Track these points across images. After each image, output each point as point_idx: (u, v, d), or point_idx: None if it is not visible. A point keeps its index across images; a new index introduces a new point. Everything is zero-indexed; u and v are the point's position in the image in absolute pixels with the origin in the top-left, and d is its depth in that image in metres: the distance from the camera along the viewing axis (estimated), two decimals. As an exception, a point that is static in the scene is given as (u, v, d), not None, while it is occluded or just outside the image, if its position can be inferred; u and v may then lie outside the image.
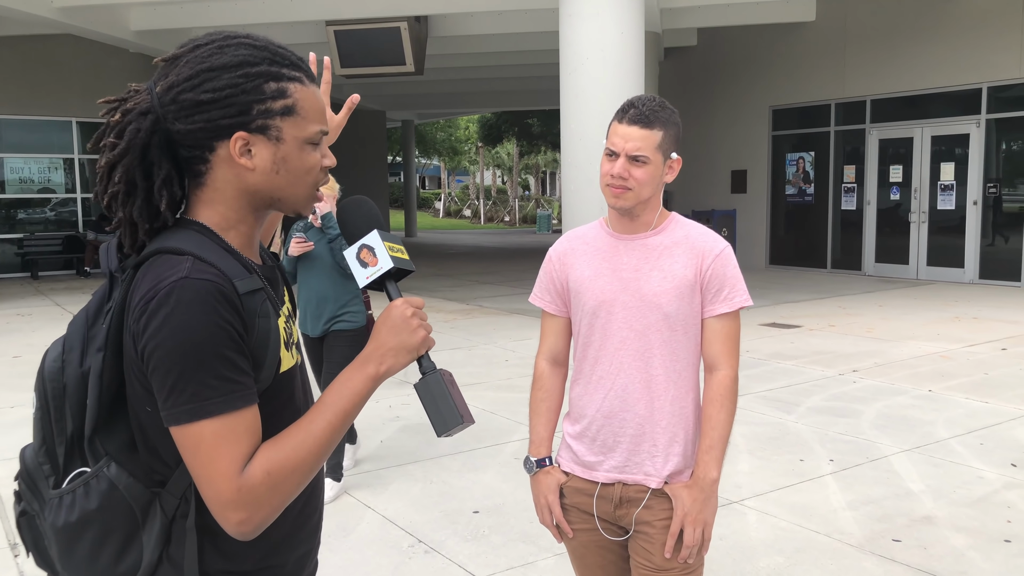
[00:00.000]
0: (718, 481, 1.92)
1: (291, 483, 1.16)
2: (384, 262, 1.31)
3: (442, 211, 43.93)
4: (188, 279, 1.11)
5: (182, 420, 1.11)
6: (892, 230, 13.77)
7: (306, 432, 1.18)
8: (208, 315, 1.10)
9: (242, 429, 1.13)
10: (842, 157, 14.44)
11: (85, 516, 1.18)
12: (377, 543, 3.68)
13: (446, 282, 14.02)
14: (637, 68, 8.71)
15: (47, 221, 16.33)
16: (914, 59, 13.09)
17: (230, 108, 1.18)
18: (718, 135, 16.16)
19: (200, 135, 1.18)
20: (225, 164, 1.21)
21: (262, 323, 1.19)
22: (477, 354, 7.75)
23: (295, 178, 1.24)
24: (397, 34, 12.93)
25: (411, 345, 1.26)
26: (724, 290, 1.92)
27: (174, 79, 1.19)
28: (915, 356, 7.32)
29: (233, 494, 1.11)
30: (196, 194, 1.24)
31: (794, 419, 5.46)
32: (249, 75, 1.19)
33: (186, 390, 1.10)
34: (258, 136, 1.20)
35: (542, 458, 2.06)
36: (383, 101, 24.18)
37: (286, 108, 1.21)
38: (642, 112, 1.87)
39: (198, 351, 1.09)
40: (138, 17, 13.11)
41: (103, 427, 1.19)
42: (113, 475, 1.18)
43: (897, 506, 3.99)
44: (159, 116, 1.18)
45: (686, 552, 1.88)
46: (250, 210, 1.26)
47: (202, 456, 1.11)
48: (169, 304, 1.10)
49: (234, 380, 1.12)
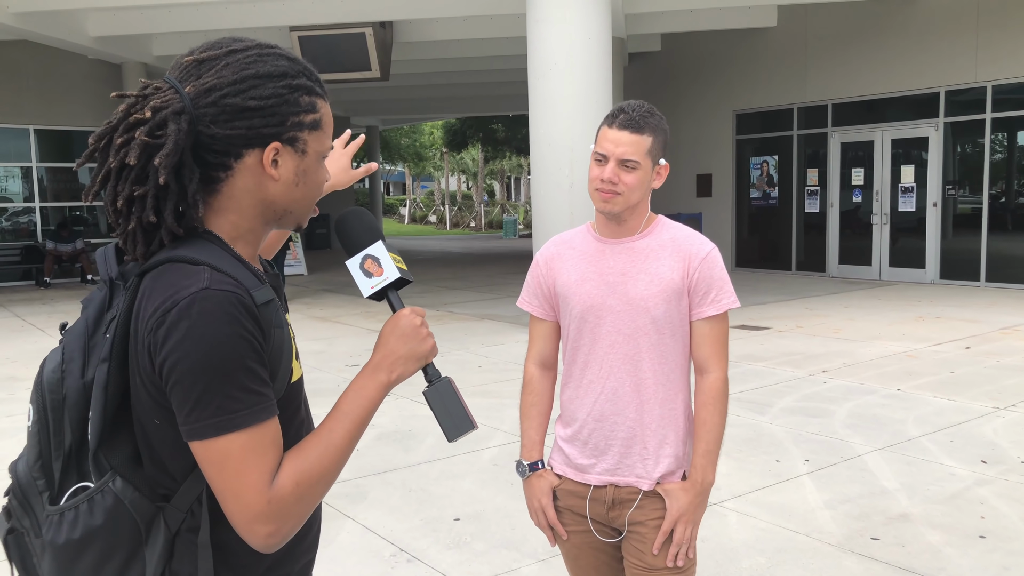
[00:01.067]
0: (712, 484, 1.94)
1: (317, 492, 1.17)
2: (389, 272, 1.34)
3: (407, 217, 43.77)
4: (209, 290, 1.09)
5: (208, 434, 1.08)
6: (855, 232, 14.00)
7: (327, 441, 1.18)
8: (232, 326, 1.08)
9: (268, 441, 1.12)
10: (805, 160, 14.66)
11: (89, 533, 1.14)
12: (359, 552, 3.63)
13: (415, 288, 13.95)
14: (605, 73, 8.76)
15: (4, 231, 15.96)
16: (874, 63, 13.34)
17: (273, 117, 1.18)
18: (683, 139, 16.30)
19: (237, 141, 1.17)
20: (248, 172, 1.20)
21: (277, 333, 1.18)
22: (450, 360, 7.72)
23: (310, 191, 1.26)
24: (362, 40, 12.87)
25: (421, 353, 1.29)
26: (712, 292, 1.93)
27: (214, 81, 1.16)
28: (882, 356, 7.44)
29: (264, 507, 1.10)
30: (208, 201, 1.21)
31: (768, 420, 5.52)
32: (291, 87, 1.20)
33: (212, 403, 1.07)
34: (287, 147, 1.21)
35: (534, 462, 2.06)
36: (348, 107, 24.00)
37: (314, 122, 1.23)
38: (632, 117, 1.88)
39: (224, 363, 1.07)
40: (96, 23, 12.88)
41: (107, 440, 1.15)
42: (119, 490, 1.15)
43: (873, 504, 4.04)
44: (193, 118, 1.15)
45: (675, 549, 1.89)
46: (261, 221, 1.25)
47: (230, 470, 1.09)
48: (191, 316, 1.07)
49: (259, 392, 1.11)
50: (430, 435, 5.33)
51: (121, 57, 14.37)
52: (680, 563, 1.90)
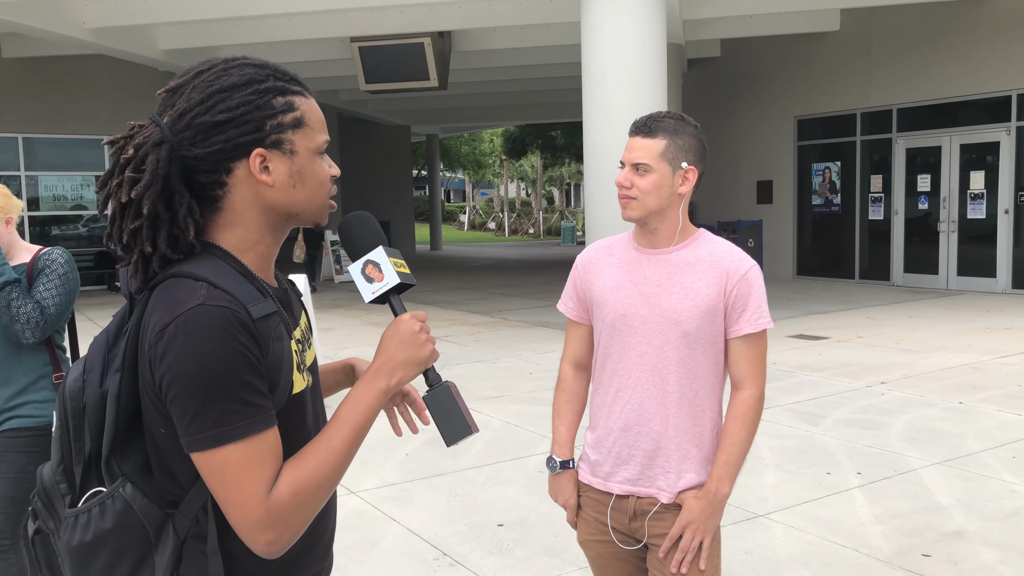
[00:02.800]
0: (728, 497, 1.92)
1: (316, 500, 1.18)
2: (390, 277, 1.34)
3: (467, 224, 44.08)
4: (204, 306, 1.12)
5: (206, 446, 1.12)
6: (921, 240, 13.61)
7: (327, 449, 1.20)
8: (227, 341, 1.11)
9: (266, 451, 1.15)
10: (869, 167, 14.32)
11: (100, 535, 1.19)
12: (402, 556, 3.69)
13: (471, 295, 14.06)
14: (659, 80, 8.72)
15: (79, 237, 16.61)
16: (941, 67, 12.97)
17: (247, 125, 1.20)
18: (743, 146, 16.09)
19: (219, 156, 1.20)
20: (243, 184, 1.23)
21: (276, 346, 1.20)
22: (501, 367, 7.77)
23: (311, 189, 1.27)
24: (421, 49, 13.04)
25: (420, 358, 1.29)
26: (748, 310, 1.91)
27: (184, 106, 1.20)
28: (945, 367, 7.23)
29: (263, 515, 1.13)
30: (213, 219, 1.25)
31: (821, 432, 5.41)
32: (259, 91, 1.21)
33: (209, 416, 1.11)
34: (274, 151, 1.22)
35: (566, 460, 2.08)
36: (408, 116, 24.35)
37: (296, 120, 1.24)
38: (645, 123, 1.92)
39: (219, 377, 1.10)
40: (166, 36, 13.34)
41: (119, 448, 1.20)
42: (128, 495, 1.19)
43: (926, 520, 3.93)
44: (173, 145, 1.19)
45: (679, 555, 1.89)
46: (268, 229, 1.27)
47: (229, 481, 1.13)
48: (187, 332, 1.11)
49: (255, 404, 1.14)
50: (478, 441, 5.38)
51: (190, 69, 14.82)
52: (684, 570, 1.90)
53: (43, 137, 15.91)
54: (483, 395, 6.63)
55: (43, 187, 16.11)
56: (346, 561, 3.64)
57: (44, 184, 16.11)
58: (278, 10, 11.28)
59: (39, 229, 16.11)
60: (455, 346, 8.97)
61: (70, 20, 11.62)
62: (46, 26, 11.30)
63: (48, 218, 16.21)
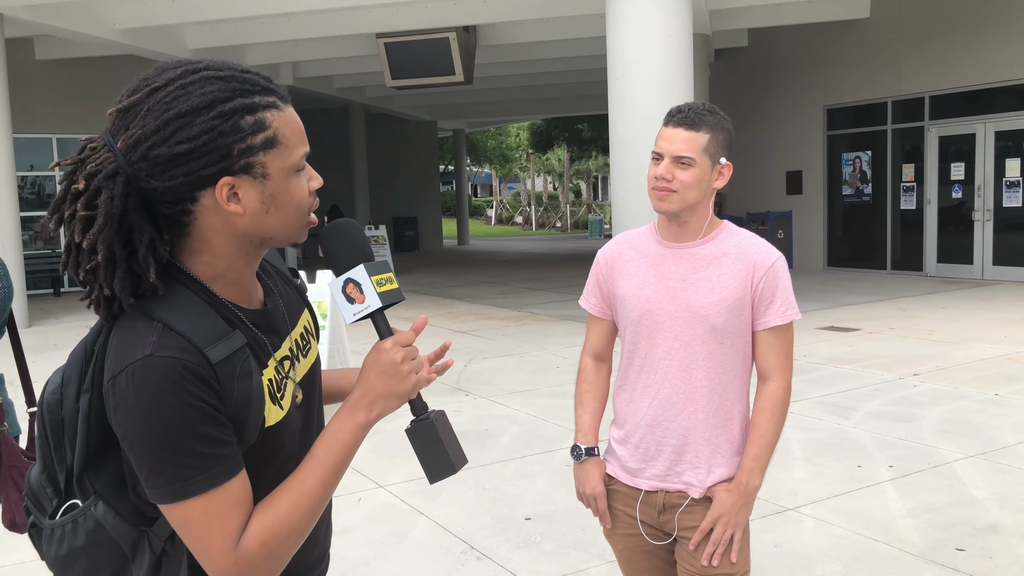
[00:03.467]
0: (759, 489, 1.91)
1: (288, 546, 1.12)
2: (371, 300, 1.22)
3: (494, 218, 44.11)
4: (152, 357, 1.04)
5: (164, 501, 1.07)
6: (955, 229, 13.39)
7: (299, 493, 1.13)
8: (176, 395, 1.03)
9: (231, 502, 1.08)
10: (900, 156, 14.10)
11: (73, 551, 1.17)
12: (430, 550, 3.71)
13: (497, 289, 14.07)
14: (685, 72, 8.65)
15: (112, 236, 16.87)
16: (975, 53, 12.73)
17: (210, 155, 1.06)
18: (772, 136, 15.92)
19: (181, 189, 1.08)
20: (211, 212, 1.11)
21: (242, 385, 1.11)
22: (528, 361, 7.77)
23: (286, 213, 1.15)
24: (446, 44, 13.06)
25: (401, 392, 1.19)
26: (776, 302, 1.89)
27: (139, 133, 1.06)
28: (980, 359, 7.11)
29: (231, 567, 1.08)
30: (180, 244, 1.15)
31: (852, 424, 5.35)
32: (223, 113, 1.07)
33: (164, 473, 1.05)
34: (243, 177, 1.09)
35: (591, 447, 2.07)
36: (434, 111, 24.40)
37: (267, 141, 1.10)
38: (687, 115, 1.87)
39: (169, 434, 1.03)
40: (195, 36, 13.49)
41: (92, 465, 1.15)
42: (99, 515, 1.15)
43: (960, 514, 3.87)
44: (129, 176, 1.07)
45: (711, 548, 1.88)
46: (240, 255, 1.16)
47: (194, 534, 1.08)
48: (136, 386, 1.04)
49: (213, 456, 1.07)
50: (505, 435, 5.39)
51: (218, 68, 14.97)
52: (715, 563, 1.88)
53: (76, 137, 16.15)
54: (510, 389, 6.64)
55: (77, 187, 16.37)
56: (374, 554, 3.67)
57: (77, 184, 16.38)
58: (304, 8, 11.35)
59: (73, 228, 16.39)
60: (482, 340, 8.98)
61: (101, 21, 11.79)
62: (77, 28, 11.47)
63: (82, 217, 16.49)
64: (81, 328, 10.96)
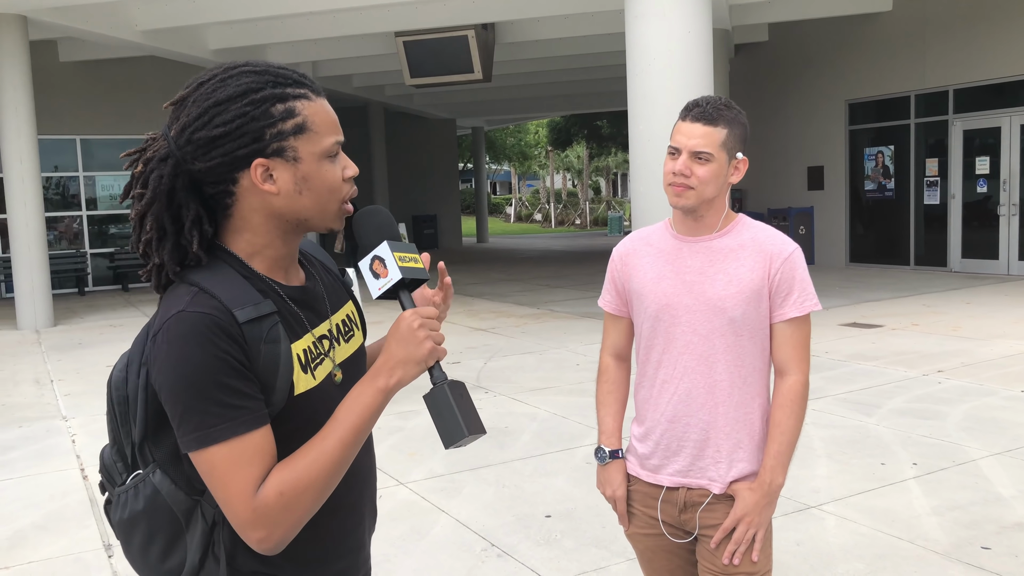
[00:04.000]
0: (782, 487, 1.90)
1: (305, 501, 1.18)
2: (393, 273, 1.30)
3: (513, 216, 44.10)
4: (184, 312, 1.16)
5: (192, 448, 1.16)
6: (980, 224, 13.22)
7: (318, 451, 1.20)
8: (203, 346, 1.14)
9: (252, 451, 1.16)
10: (924, 150, 13.95)
11: (134, 515, 1.27)
12: (451, 547, 3.72)
13: (517, 287, 14.07)
14: (705, 67, 8.59)
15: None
16: (1000, 45, 12.56)
17: (243, 138, 1.20)
18: (793, 131, 15.80)
19: (220, 170, 1.22)
20: (250, 193, 1.24)
21: (269, 348, 1.21)
22: (548, 358, 7.76)
23: (319, 195, 1.26)
24: (465, 42, 13.07)
25: (418, 357, 1.24)
26: (794, 294, 1.88)
27: (185, 120, 1.21)
28: (1005, 355, 7.02)
29: (249, 514, 1.16)
30: (225, 224, 1.28)
31: (875, 422, 5.30)
32: (255, 101, 1.21)
33: (191, 420, 1.14)
34: (276, 160, 1.22)
35: (615, 449, 2.07)
36: (453, 109, 24.42)
37: (297, 127, 1.22)
38: (705, 110, 1.86)
39: (196, 382, 1.13)
40: (216, 36, 13.58)
41: (152, 436, 1.26)
42: (157, 481, 1.26)
43: (986, 512, 3.83)
44: (178, 159, 1.22)
45: (732, 547, 1.87)
46: (278, 234, 1.28)
47: (216, 480, 1.16)
48: (169, 339, 1.15)
49: (237, 406, 1.16)
50: (525, 432, 5.39)
51: (239, 68, 15.06)
52: (736, 561, 1.87)
53: (99, 138, 16.33)
54: (530, 387, 6.64)
55: (100, 187, 16.54)
56: (395, 551, 3.68)
57: (101, 184, 16.54)
58: (324, 7, 11.40)
59: (97, 228, 16.56)
60: (502, 338, 8.99)
61: (123, 23, 11.90)
62: (100, 29, 11.59)
63: (105, 217, 16.65)
64: (105, 327, 11.09)
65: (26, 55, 11.11)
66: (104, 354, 8.98)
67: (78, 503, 4.47)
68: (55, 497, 4.58)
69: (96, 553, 3.81)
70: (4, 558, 3.79)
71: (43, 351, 9.38)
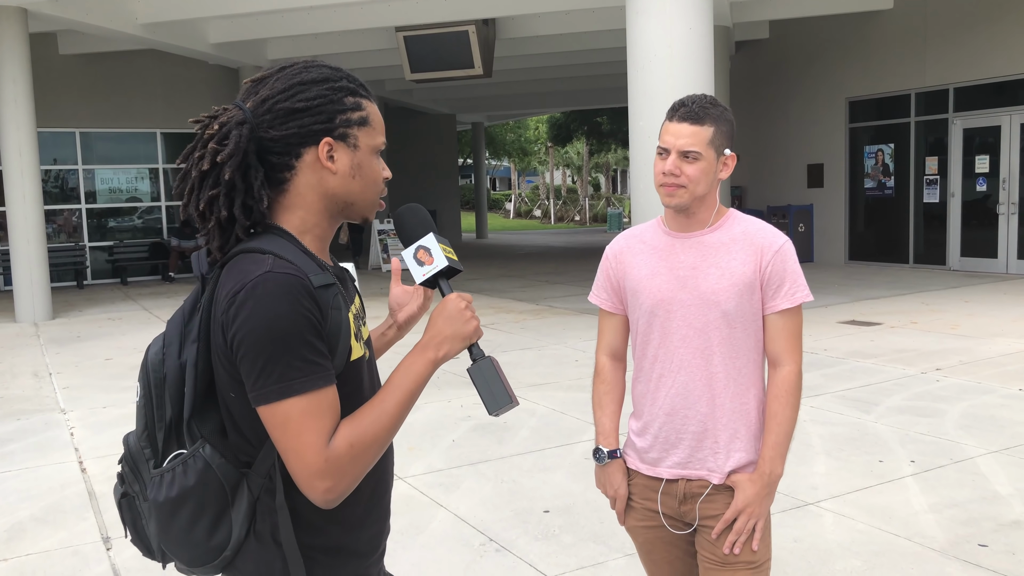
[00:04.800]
0: (781, 477, 1.93)
1: (370, 454, 1.30)
2: (439, 261, 1.46)
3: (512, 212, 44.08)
4: (272, 272, 1.25)
5: (271, 399, 1.23)
6: (979, 223, 13.23)
7: (380, 409, 1.32)
8: (292, 304, 1.23)
9: (325, 406, 1.26)
10: (924, 148, 13.95)
11: (184, 492, 1.31)
12: (449, 541, 3.73)
13: (516, 283, 14.08)
14: (706, 64, 8.59)
15: (135, 229, 17.01)
16: (1001, 43, 12.55)
17: (320, 115, 1.34)
18: (793, 129, 15.79)
19: (292, 140, 1.34)
20: (309, 169, 1.36)
21: (334, 314, 1.32)
22: (547, 354, 7.77)
23: (367, 183, 1.40)
24: (465, 38, 13.06)
25: (465, 333, 1.41)
26: (785, 286, 1.92)
27: (267, 93, 1.35)
28: (1004, 354, 7.03)
29: (321, 464, 1.24)
30: (278, 200, 1.38)
31: (873, 419, 5.31)
32: (334, 88, 1.36)
33: (274, 372, 1.22)
34: (340, 143, 1.36)
35: (613, 449, 2.09)
36: (453, 104, 24.40)
37: (362, 119, 1.38)
38: (692, 109, 1.89)
39: (284, 336, 1.22)
40: (216, 30, 13.56)
41: (198, 412, 1.33)
42: (208, 455, 1.32)
43: (983, 510, 3.84)
44: (254, 126, 1.33)
45: (733, 537, 1.89)
46: (326, 214, 1.40)
47: (291, 431, 1.24)
48: (256, 296, 1.23)
49: (316, 362, 1.25)
50: (524, 428, 5.39)
51: (238, 62, 15.07)
52: (737, 550, 1.90)
53: (99, 131, 16.30)
54: (529, 382, 6.65)
55: (99, 180, 16.52)
56: (394, 546, 3.69)
57: (100, 177, 16.52)
58: (325, 1, 11.38)
59: (96, 221, 16.55)
60: (501, 334, 8.99)
61: (123, 16, 11.88)
62: (100, 22, 11.57)
63: (104, 210, 16.63)
64: (104, 320, 11.09)
65: (26, 48, 11.08)
66: (103, 347, 8.98)
67: (76, 495, 4.47)
68: (53, 490, 4.58)
69: (95, 546, 3.82)
70: (2, 550, 3.80)
71: (41, 344, 9.37)
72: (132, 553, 3.69)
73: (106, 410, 6.30)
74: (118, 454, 4.90)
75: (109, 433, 5.66)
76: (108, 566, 3.61)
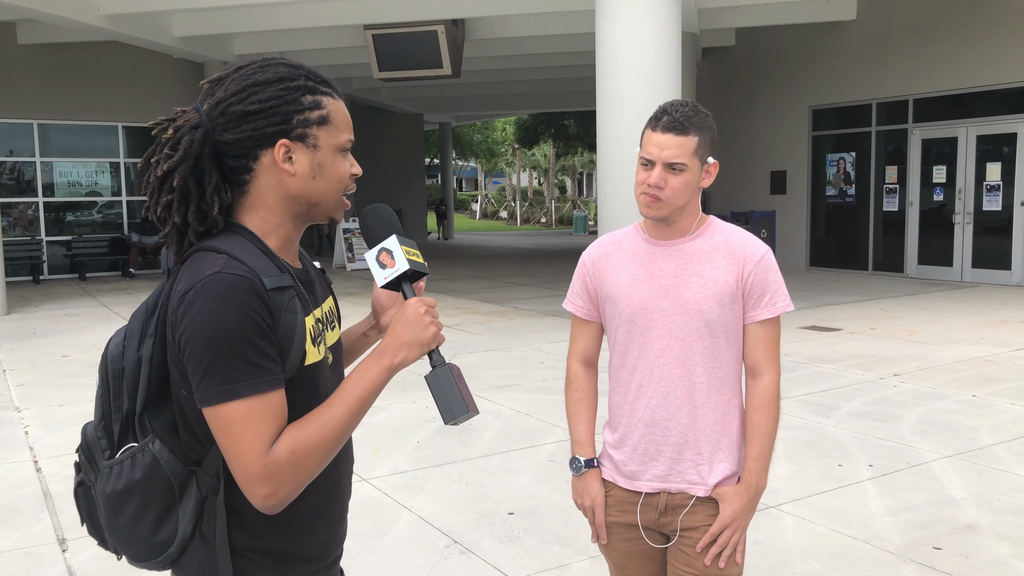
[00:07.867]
0: (765, 488, 1.91)
1: (313, 462, 1.26)
2: (400, 264, 1.41)
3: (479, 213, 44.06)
4: (221, 273, 1.23)
5: (214, 401, 1.21)
6: (936, 231, 13.52)
7: (327, 416, 1.28)
8: (238, 306, 1.21)
9: (269, 410, 1.23)
10: (884, 157, 14.22)
11: (130, 485, 1.31)
12: (413, 543, 3.71)
13: (482, 284, 14.07)
14: (674, 69, 8.67)
15: (94, 223, 16.69)
16: (959, 57, 12.85)
17: (274, 117, 1.31)
18: (757, 135, 16.00)
19: (247, 143, 1.31)
20: (268, 171, 1.34)
21: (288, 317, 1.29)
22: (512, 356, 7.78)
23: (329, 183, 1.37)
24: (434, 37, 13.02)
25: (423, 340, 1.36)
26: (766, 295, 1.89)
27: (222, 95, 1.32)
28: (959, 360, 7.19)
29: (261, 470, 1.22)
30: (240, 201, 1.36)
31: (833, 423, 5.40)
32: (289, 88, 1.32)
33: (217, 374, 1.20)
34: (298, 144, 1.33)
35: (590, 459, 2.03)
36: (421, 104, 24.33)
37: (321, 118, 1.34)
38: (676, 119, 1.83)
39: (228, 338, 1.20)
40: (181, 23, 13.36)
41: (151, 406, 1.32)
42: (156, 450, 1.31)
43: (938, 513, 3.92)
44: (208, 129, 1.31)
45: (717, 550, 1.87)
46: (289, 215, 1.37)
47: (232, 435, 1.22)
48: (203, 296, 1.21)
49: (261, 365, 1.23)
50: (489, 429, 5.40)
51: (204, 56, 14.87)
52: (722, 564, 1.87)
53: (58, 123, 15.98)
54: (494, 384, 6.65)
55: (58, 173, 16.19)
56: (357, 547, 3.67)
57: (59, 170, 16.19)
58: (292, -3, 11.27)
59: (54, 215, 16.21)
60: (466, 335, 8.98)
61: (85, 6, 11.65)
62: (62, 12, 11.33)
63: (63, 204, 16.30)
64: (62, 316, 10.86)
65: (-17, 36, 10.82)
66: (60, 344, 8.80)
67: (31, 495, 4.38)
68: (7, 490, 4.48)
69: (49, 547, 3.74)
70: (-46, 551, 3.70)
71: (-4, 340, 9.16)
72: (88, 555, 3.62)
73: (63, 408, 6.17)
74: (74, 453, 4.81)
75: (65, 432, 5.55)
76: (63, 568, 3.54)
